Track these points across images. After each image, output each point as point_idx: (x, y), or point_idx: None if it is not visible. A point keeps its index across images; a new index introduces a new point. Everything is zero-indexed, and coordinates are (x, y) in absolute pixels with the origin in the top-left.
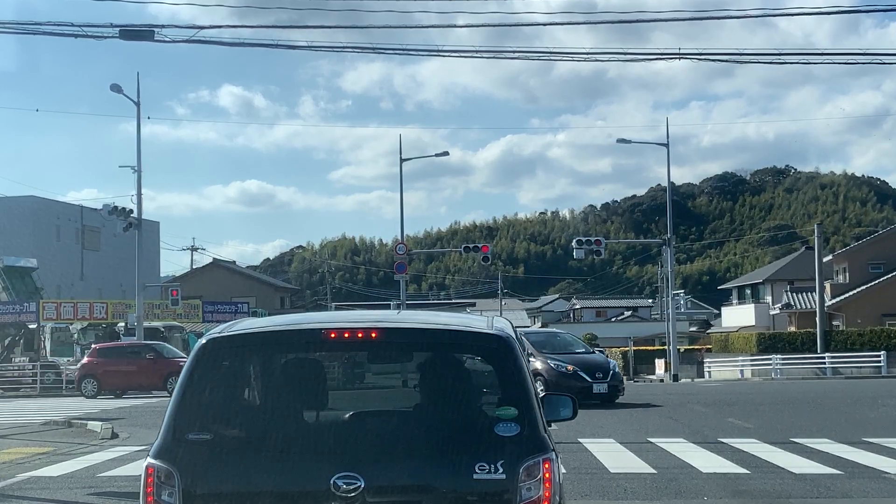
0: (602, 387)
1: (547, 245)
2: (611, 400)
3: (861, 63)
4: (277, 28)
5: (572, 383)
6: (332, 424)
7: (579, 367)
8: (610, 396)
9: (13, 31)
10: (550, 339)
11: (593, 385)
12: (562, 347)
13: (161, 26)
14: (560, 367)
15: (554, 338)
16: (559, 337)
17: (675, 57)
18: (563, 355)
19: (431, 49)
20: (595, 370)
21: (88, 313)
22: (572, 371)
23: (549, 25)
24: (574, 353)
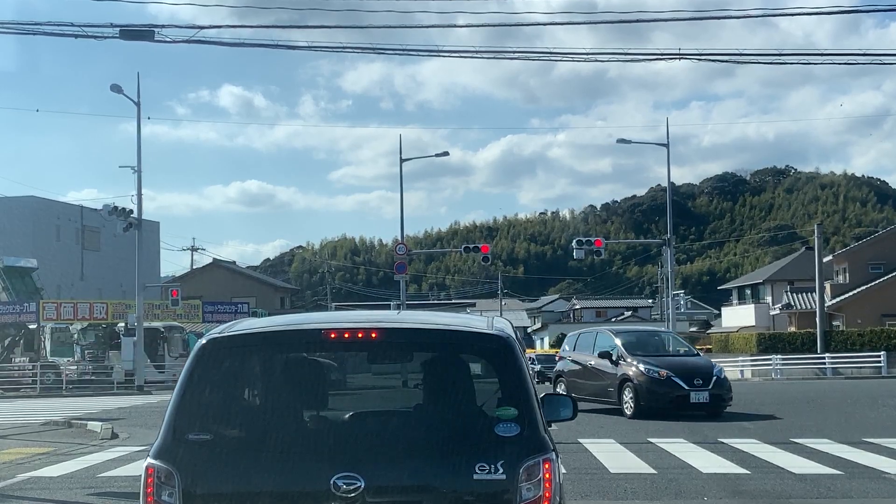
0: (702, 395)
1: (547, 245)
2: (714, 412)
3: (861, 63)
4: (277, 28)
5: (665, 391)
6: (333, 425)
7: (675, 371)
8: (712, 407)
9: (13, 31)
10: (644, 339)
11: (691, 393)
12: (657, 348)
13: (161, 26)
14: (652, 371)
15: (649, 337)
16: (656, 336)
17: (675, 57)
18: (657, 358)
19: (431, 49)
20: (694, 375)
21: (88, 313)
22: (665, 377)
23: (550, 25)
24: (671, 355)
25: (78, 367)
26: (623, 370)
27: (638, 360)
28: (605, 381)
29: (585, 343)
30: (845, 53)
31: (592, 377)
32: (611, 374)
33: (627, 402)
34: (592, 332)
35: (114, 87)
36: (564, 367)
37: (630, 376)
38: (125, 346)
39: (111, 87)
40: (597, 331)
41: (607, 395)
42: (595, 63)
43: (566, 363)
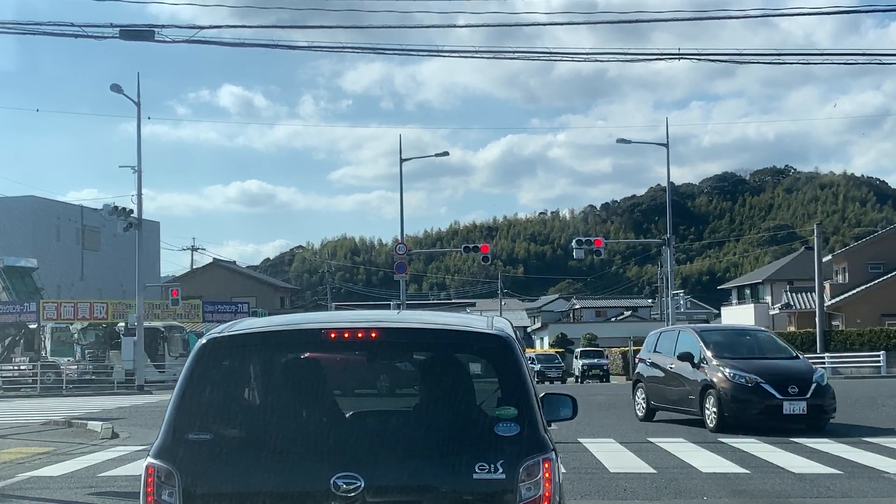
0: (797, 406)
1: (547, 245)
2: (814, 425)
3: (861, 63)
4: (278, 28)
5: (753, 400)
6: (332, 424)
7: (765, 377)
8: (811, 419)
9: (13, 31)
10: (733, 339)
11: (784, 403)
12: (749, 350)
13: (161, 26)
14: (738, 377)
15: (739, 337)
16: (747, 336)
17: (674, 57)
18: (745, 361)
19: (432, 49)
20: (788, 382)
21: (88, 313)
22: (754, 383)
23: (550, 25)
24: (763, 357)
25: (78, 367)
26: (705, 375)
27: (723, 363)
28: (686, 387)
29: (667, 343)
30: (845, 53)
31: (672, 383)
32: (692, 379)
33: (710, 412)
34: (674, 331)
35: (114, 87)
36: (644, 371)
37: (713, 383)
38: (125, 346)
39: (111, 87)
40: (678, 329)
41: (688, 403)
42: (595, 63)
43: (645, 367)
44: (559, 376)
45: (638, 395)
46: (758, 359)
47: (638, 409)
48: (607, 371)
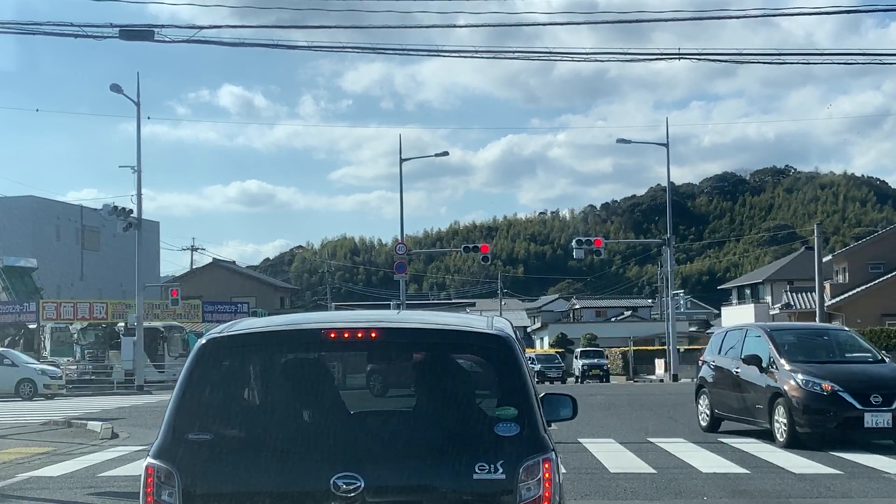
0: (882, 418)
1: (547, 245)
2: None
3: (861, 63)
4: (278, 28)
5: (829, 411)
6: (332, 424)
7: (844, 384)
8: None
9: (13, 31)
10: (808, 340)
11: (866, 415)
12: (827, 352)
13: (161, 26)
14: (812, 384)
15: (815, 337)
16: (824, 336)
17: (674, 57)
18: (821, 365)
19: (432, 49)
20: (871, 390)
21: (88, 313)
22: (830, 391)
23: (550, 25)
24: (843, 361)
25: (78, 367)
26: (775, 381)
27: (795, 368)
28: (753, 395)
29: (732, 344)
30: (845, 53)
31: (738, 389)
32: (759, 386)
33: (779, 425)
34: (740, 330)
35: (114, 87)
36: (707, 375)
37: (783, 390)
38: (125, 346)
39: (111, 87)
40: (746, 328)
41: (755, 413)
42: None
43: (709, 370)
44: (559, 376)
45: (701, 403)
46: (836, 363)
47: (701, 418)
48: (607, 371)
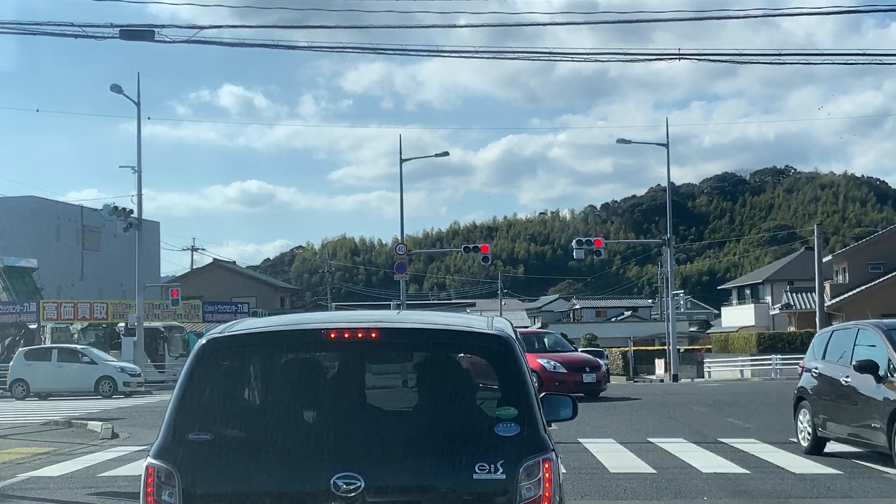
0: None
1: (547, 245)
2: None
3: (861, 63)
4: (278, 28)
5: None
6: (332, 424)
7: None
8: None
9: (13, 31)
10: None
11: None
12: None
13: (161, 26)
14: None
15: None
16: None
17: (674, 57)
18: None
19: (432, 49)
20: None
21: (88, 313)
22: None
23: (551, 25)
24: None
25: None
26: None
27: None
28: (867, 410)
29: (841, 346)
30: (845, 53)
31: (848, 403)
32: (875, 399)
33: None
34: (851, 329)
35: (114, 87)
36: (808, 384)
37: None
38: (125, 346)
39: (111, 87)
40: (857, 327)
41: (869, 433)
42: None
43: (810, 379)
44: None
45: (801, 420)
46: None
47: (801, 437)
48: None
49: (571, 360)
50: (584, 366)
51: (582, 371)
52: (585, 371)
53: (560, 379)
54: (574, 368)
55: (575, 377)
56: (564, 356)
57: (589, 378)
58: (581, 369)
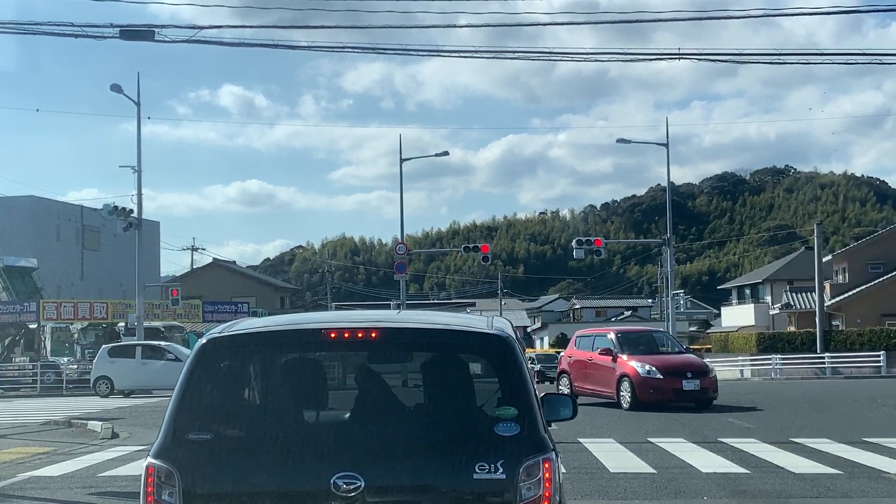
0: None
1: (547, 245)
2: None
3: (861, 63)
4: (278, 28)
5: None
6: (332, 424)
7: None
8: None
9: (13, 31)
10: None
11: None
12: None
13: (161, 26)
14: None
15: None
16: None
17: (674, 57)
18: None
19: (432, 49)
20: None
21: (88, 313)
22: None
23: (551, 25)
24: None
25: (78, 367)
26: None
27: None
28: None
29: None
30: (846, 53)
31: None
32: None
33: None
34: None
35: (114, 87)
36: None
37: None
38: None
39: (111, 86)
40: None
41: None
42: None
43: None
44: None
45: None
46: None
47: None
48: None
49: (669, 364)
50: (684, 370)
51: (682, 376)
52: (686, 376)
53: (655, 385)
54: (672, 373)
55: (673, 383)
56: (662, 359)
57: (691, 385)
58: (681, 374)
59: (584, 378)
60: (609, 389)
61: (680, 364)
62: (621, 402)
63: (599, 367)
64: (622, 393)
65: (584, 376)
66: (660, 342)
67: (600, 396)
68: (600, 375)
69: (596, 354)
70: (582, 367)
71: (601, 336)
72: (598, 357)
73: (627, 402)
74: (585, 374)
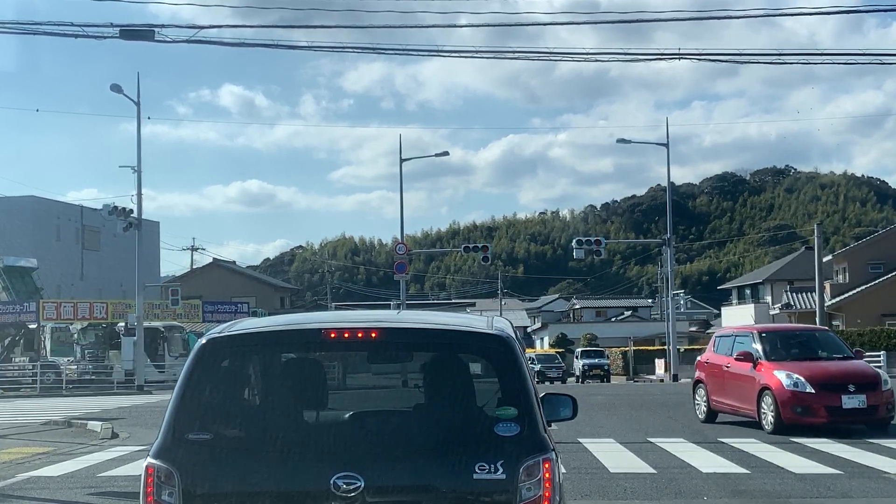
0: None
1: (547, 245)
2: None
3: (862, 63)
4: (278, 28)
5: None
6: (332, 424)
7: None
8: None
9: (13, 31)
10: None
11: None
12: None
13: (161, 26)
14: None
15: None
16: None
17: (674, 57)
18: None
19: (433, 49)
20: None
21: (88, 313)
22: None
23: (552, 25)
24: None
25: (78, 367)
26: None
27: None
28: None
29: None
30: (846, 53)
31: None
32: None
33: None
34: None
35: (114, 87)
36: None
37: None
38: (125, 346)
39: (111, 86)
40: None
41: None
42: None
43: None
44: (559, 376)
45: None
46: None
47: None
48: (608, 371)
49: (824, 374)
50: (844, 381)
51: (841, 390)
52: (847, 390)
53: (804, 402)
54: (828, 386)
55: (828, 399)
56: (814, 366)
57: (854, 401)
58: (839, 387)
59: (720, 390)
60: (748, 406)
61: (839, 374)
62: (762, 423)
63: (737, 377)
64: (763, 410)
65: (721, 388)
66: (820, 344)
67: (739, 413)
68: (738, 387)
69: (733, 360)
70: (718, 376)
71: (742, 336)
72: (735, 363)
73: (770, 424)
74: (722, 384)
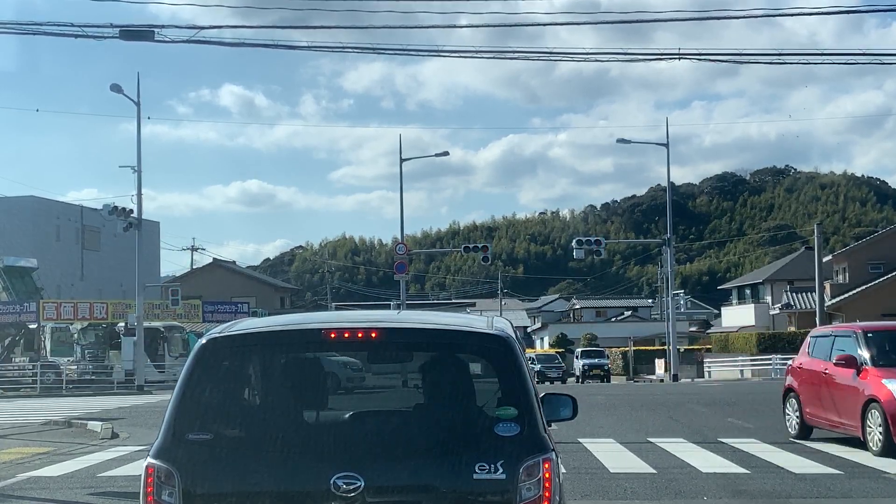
0: None
1: (547, 245)
2: None
3: (862, 63)
4: (278, 28)
5: None
6: (332, 424)
7: None
8: None
9: (13, 31)
10: None
11: None
12: None
13: (161, 26)
14: None
15: None
16: None
17: (674, 57)
18: None
19: (433, 49)
20: None
21: (88, 313)
22: None
23: (552, 25)
24: None
25: (78, 367)
26: None
27: None
28: None
29: None
30: (846, 53)
31: None
32: None
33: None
34: None
35: (114, 87)
36: None
37: None
38: (125, 346)
39: (111, 86)
40: None
41: None
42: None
43: None
44: (559, 376)
45: None
46: None
47: None
48: (608, 371)
49: None
50: None
51: None
52: None
53: None
54: None
55: None
56: None
57: None
58: None
59: (817, 401)
60: (850, 421)
61: None
62: (868, 442)
63: (836, 386)
64: (868, 427)
65: (818, 398)
66: None
67: (839, 430)
68: (838, 397)
69: (832, 365)
70: (814, 384)
71: (842, 336)
72: (835, 369)
73: (878, 444)
74: (819, 394)
